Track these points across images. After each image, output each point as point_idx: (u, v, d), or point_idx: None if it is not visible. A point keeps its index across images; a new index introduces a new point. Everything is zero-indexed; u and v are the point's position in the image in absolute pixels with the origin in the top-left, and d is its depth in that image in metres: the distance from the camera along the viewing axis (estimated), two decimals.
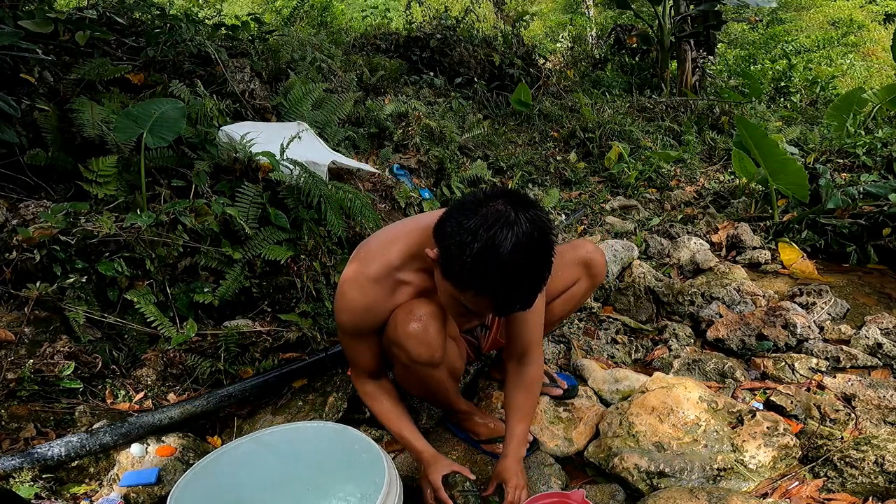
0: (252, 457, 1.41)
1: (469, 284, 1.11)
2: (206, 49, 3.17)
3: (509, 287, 1.09)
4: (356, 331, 1.38)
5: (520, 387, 1.49)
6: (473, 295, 1.12)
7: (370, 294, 1.32)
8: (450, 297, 1.20)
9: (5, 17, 2.42)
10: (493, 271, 1.07)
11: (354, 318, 1.35)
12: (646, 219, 3.82)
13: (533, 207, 1.11)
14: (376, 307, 1.34)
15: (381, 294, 1.32)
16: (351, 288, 1.33)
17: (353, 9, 9.64)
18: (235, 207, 2.18)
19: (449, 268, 1.14)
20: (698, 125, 5.74)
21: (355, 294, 1.32)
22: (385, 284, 1.32)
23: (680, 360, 2.10)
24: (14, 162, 2.24)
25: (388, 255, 1.32)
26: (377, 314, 1.35)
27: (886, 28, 12.12)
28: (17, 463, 1.43)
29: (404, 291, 1.35)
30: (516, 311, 1.17)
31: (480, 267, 1.07)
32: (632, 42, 7.52)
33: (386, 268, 1.31)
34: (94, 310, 1.84)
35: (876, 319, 2.29)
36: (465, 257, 1.08)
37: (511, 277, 1.08)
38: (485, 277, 1.08)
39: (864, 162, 3.98)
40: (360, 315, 1.34)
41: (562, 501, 1.35)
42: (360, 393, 1.51)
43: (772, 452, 1.54)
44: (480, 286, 1.10)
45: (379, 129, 4.16)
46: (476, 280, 1.09)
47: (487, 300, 1.12)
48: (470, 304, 1.16)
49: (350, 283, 1.33)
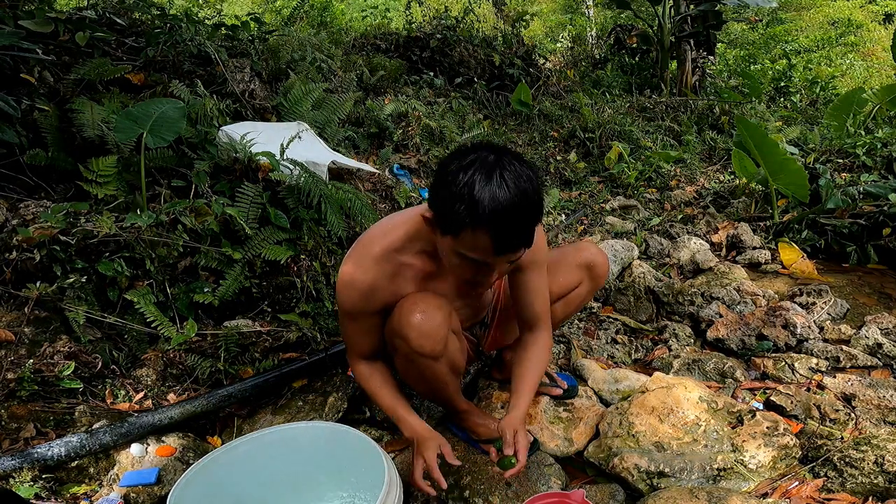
0: (252, 457, 1.41)
1: (463, 223, 1.11)
2: (206, 49, 3.17)
3: (502, 214, 1.09)
4: (357, 311, 1.38)
5: (529, 349, 1.53)
6: (470, 234, 1.11)
7: (372, 273, 1.33)
8: (451, 254, 1.19)
9: (5, 17, 2.42)
10: (483, 200, 1.08)
11: (356, 298, 1.35)
12: (646, 219, 3.82)
13: (515, 154, 1.16)
14: (378, 287, 1.35)
15: (383, 275, 1.34)
16: (354, 268, 1.34)
17: (353, 9, 9.64)
18: (235, 207, 2.18)
19: (443, 218, 1.15)
20: (698, 125, 5.74)
21: (358, 274, 1.34)
22: (387, 265, 1.34)
23: (680, 360, 2.10)
24: (14, 162, 2.24)
25: (391, 237, 1.35)
26: (378, 295, 1.36)
27: (886, 28, 12.12)
28: (17, 463, 1.43)
29: (406, 275, 1.37)
30: (518, 249, 1.16)
31: (470, 200, 1.08)
32: (632, 42, 7.52)
33: (388, 249, 1.34)
34: (94, 310, 1.84)
35: (876, 319, 2.29)
36: (455, 199, 1.10)
37: (502, 204, 1.08)
38: (476, 209, 1.08)
39: (864, 162, 3.98)
40: (362, 295, 1.35)
41: (562, 501, 1.35)
42: (356, 374, 1.50)
43: (772, 452, 1.54)
44: (474, 219, 1.09)
45: (379, 129, 4.16)
46: (469, 215, 1.09)
47: (484, 236, 1.10)
48: (469, 251, 1.15)
49: (353, 263, 1.35)
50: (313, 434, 1.45)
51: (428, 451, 1.37)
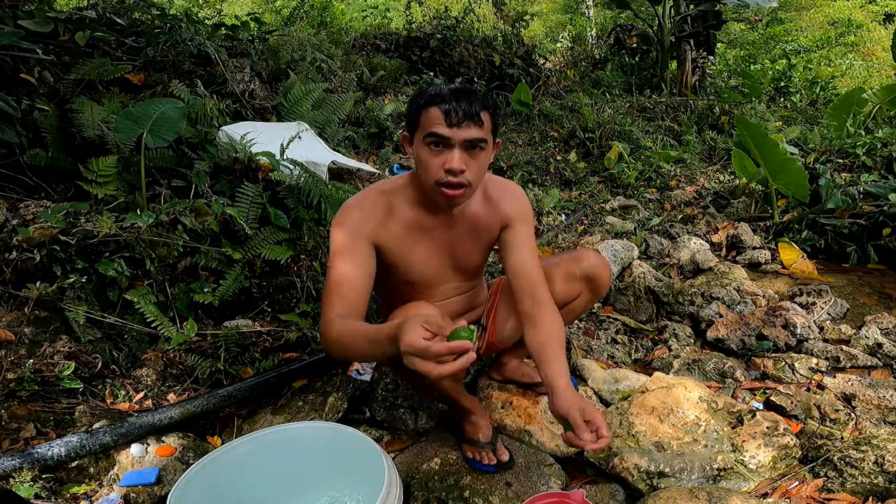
0: (252, 457, 1.41)
1: (419, 109, 1.30)
2: (206, 49, 3.17)
3: (446, 91, 1.28)
4: (349, 240, 1.35)
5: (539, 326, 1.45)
6: (425, 115, 1.28)
7: (369, 203, 1.40)
8: (420, 148, 1.32)
9: (5, 17, 2.42)
10: (432, 89, 1.31)
11: (352, 223, 1.37)
12: (646, 219, 3.82)
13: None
14: (373, 218, 1.39)
15: (379, 206, 1.40)
16: (352, 200, 1.42)
17: (353, 9, 9.64)
18: (235, 207, 2.18)
19: (409, 122, 1.35)
20: (698, 125, 5.74)
21: (359, 199, 1.41)
22: (383, 200, 1.41)
23: (680, 360, 2.10)
24: (14, 162, 2.24)
25: (386, 184, 1.47)
26: (372, 227, 1.38)
27: (886, 28, 12.12)
28: (17, 463, 1.43)
29: (398, 216, 1.42)
30: (466, 120, 1.27)
31: (423, 92, 1.32)
32: (632, 42, 7.52)
33: (383, 189, 1.44)
34: (94, 310, 1.84)
35: (876, 319, 2.29)
36: (414, 100, 1.34)
37: (446, 87, 1.30)
38: (426, 93, 1.31)
39: (864, 162, 3.98)
40: (359, 221, 1.37)
41: (562, 501, 1.35)
42: (330, 334, 1.22)
43: (772, 452, 1.54)
44: (426, 100, 1.29)
45: (379, 129, 4.16)
46: (421, 99, 1.30)
47: (435, 109, 1.27)
48: (429, 127, 1.28)
49: (351, 199, 1.43)
50: (313, 434, 1.45)
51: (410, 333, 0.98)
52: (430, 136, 1.28)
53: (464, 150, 1.29)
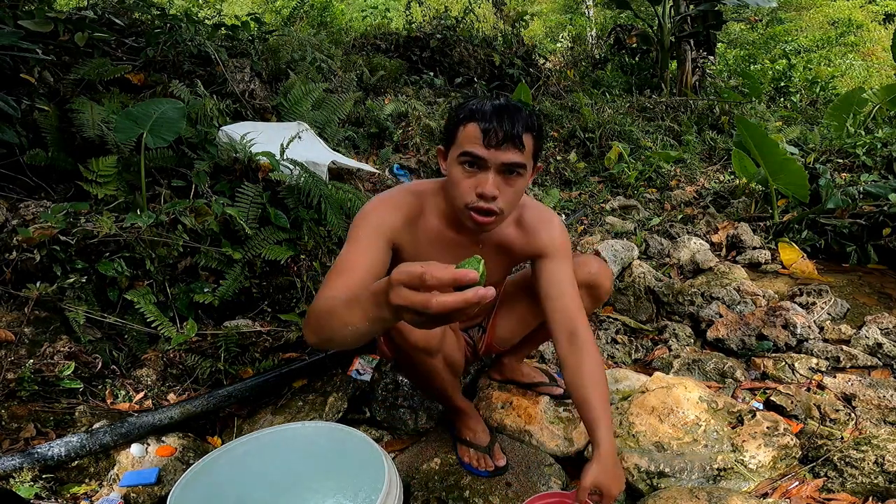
0: (252, 457, 1.41)
1: (458, 123, 1.23)
2: (206, 49, 3.17)
3: (488, 108, 1.21)
4: (371, 230, 1.28)
5: (583, 377, 1.36)
6: (463, 130, 1.21)
7: (401, 202, 1.34)
8: (453, 166, 1.24)
9: (5, 17, 2.42)
10: (474, 103, 1.24)
11: (376, 221, 1.29)
12: (646, 219, 3.82)
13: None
14: (401, 219, 1.32)
15: (409, 210, 1.34)
16: (385, 194, 1.35)
17: (353, 9, 9.65)
18: (235, 207, 2.18)
19: (446, 135, 1.28)
20: (698, 125, 5.75)
21: (389, 196, 1.35)
22: (414, 204, 1.35)
23: (680, 360, 2.10)
24: (14, 162, 2.24)
25: (422, 184, 1.40)
26: (397, 226, 1.31)
27: (886, 28, 12.12)
28: (17, 463, 1.43)
29: (424, 226, 1.35)
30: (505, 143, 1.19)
31: (465, 106, 1.25)
32: (632, 42, 7.52)
33: (419, 190, 1.37)
34: (94, 310, 1.84)
35: (876, 319, 2.29)
36: (454, 114, 1.26)
37: (489, 102, 1.23)
38: (467, 107, 1.23)
39: (864, 162, 3.98)
40: (385, 217, 1.30)
41: (562, 501, 1.35)
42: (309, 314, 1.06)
43: (772, 452, 1.54)
44: (465, 115, 1.22)
45: (379, 129, 4.16)
46: (462, 113, 1.23)
47: (473, 126, 1.20)
48: (463, 145, 1.21)
49: (385, 193, 1.36)
50: (313, 434, 1.45)
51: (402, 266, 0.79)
52: (465, 156, 1.21)
53: (499, 173, 1.21)
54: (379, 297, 0.80)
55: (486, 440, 1.58)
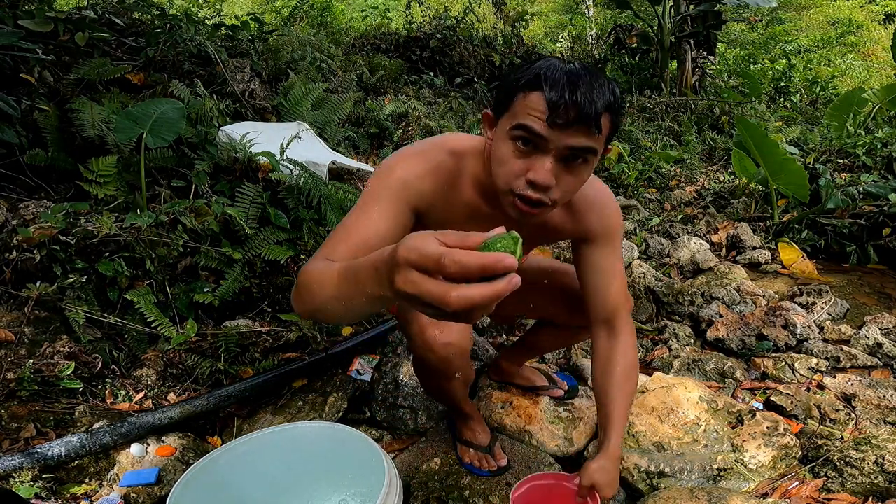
0: (252, 457, 1.40)
1: (517, 90, 0.96)
2: (206, 49, 3.17)
3: (559, 74, 0.93)
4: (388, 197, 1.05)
5: (613, 374, 1.27)
6: (522, 99, 0.95)
7: (435, 162, 1.09)
8: (501, 141, 0.99)
9: (5, 17, 2.42)
10: (541, 66, 0.95)
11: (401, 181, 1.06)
12: (646, 219, 3.82)
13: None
14: (432, 184, 1.08)
15: (443, 174, 1.09)
16: (415, 151, 1.11)
17: (353, 9, 9.64)
18: (235, 207, 2.18)
19: (499, 101, 1.00)
20: (698, 125, 5.75)
21: (422, 153, 1.09)
22: (451, 166, 1.10)
23: (680, 360, 2.10)
24: (14, 162, 2.24)
25: (463, 140, 1.14)
26: (426, 194, 1.08)
27: (886, 28, 12.12)
28: (17, 463, 1.43)
29: (456, 195, 1.12)
30: (576, 124, 0.92)
31: (524, 67, 0.97)
32: (632, 42, 7.52)
33: (454, 151, 1.11)
34: (94, 310, 1.84)
35: (876, 319, 2.29)
36: (512, 76, 0.98)
37: (562, 68, 0.94)
38: (531, 70, 0.95)
39: (864, 162, 3.98)
40: (412, 179, 1.06)
41: (558, 484, 1.32)
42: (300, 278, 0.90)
43: (772, 452, 1.54)
44: (528, 81, 0.95)
45: (379, 129, 4.16)
46: (523, 78, 0.95)
47: (537, 96, 0.93)
48: (520, 117, 0.94)
49: (416, 149, 1.11)
50: (313, 434, 1.45)
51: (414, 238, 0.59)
52: (521, 130, 0.94)
53: (560, 159, 0.95)
54: (381, 272, 0.62)
55: (486, 440, 1.58)
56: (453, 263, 0.52)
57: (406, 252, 0.55)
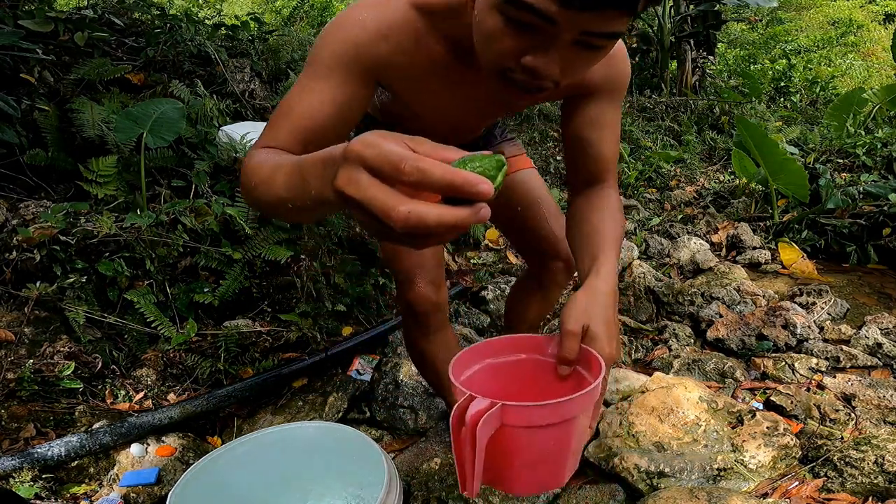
0: (252, 457, 1.40)
1: None
2: (206, 49, 3.17)
3: None
4: (340, 68, 0.85)
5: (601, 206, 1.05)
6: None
7: (395, 20, 0.88)
8: (487, 15, 0.71)
9: (5, 16, 2.42)
10: None
11: (354, 46, 0.86)
12: (646, 219, 3.82)
13: None
14: (391, 46, 0.88)
15: (405, 33, 0.89)
16: (369, 5, 0.89)
17: None
18: (235, 207, 2.18)
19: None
20: (698, 125, 5.75)
21: (378, 10, 0.88)
22: (415, 23, 0.89)
23: (680, 360, 2.10)
24: (14, 162, 2.24)
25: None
26: (385, 59, 0.88)
27: (886, 28, 12.12)
28: (17, 463, 1.43)
29: (421, 55, 0.91)
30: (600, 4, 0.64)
31: None
32: (631, 42, 7.52)
33: (417, 4, 0.89)
34: (94, 310, 1.84)
35: (876, 319, 2.29)
36: None
37: None
38: None
39: (864, 162, 3.98)
40: (367, 43, 0.86)
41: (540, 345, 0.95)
42: (244, 168, 0.78)
43: (772, 452, 1.54)
44: None
45: None
46: None
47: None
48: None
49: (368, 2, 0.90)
50: (313, 434, 1.45)
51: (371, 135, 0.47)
52: (517, 7, 0.66)
53: (571, 46, 0.70)
54: (328, 168, 0.51)
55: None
56: (414, 170, 0.42)
57: (361, 147, 0.45)
